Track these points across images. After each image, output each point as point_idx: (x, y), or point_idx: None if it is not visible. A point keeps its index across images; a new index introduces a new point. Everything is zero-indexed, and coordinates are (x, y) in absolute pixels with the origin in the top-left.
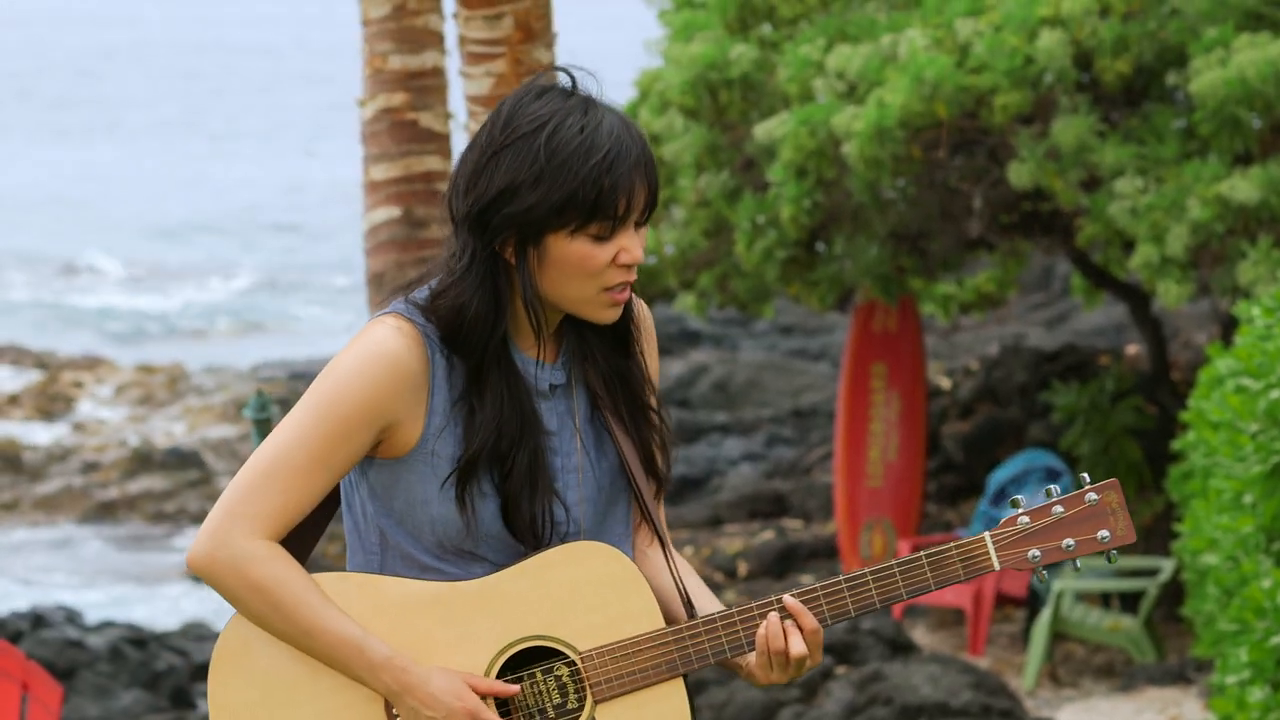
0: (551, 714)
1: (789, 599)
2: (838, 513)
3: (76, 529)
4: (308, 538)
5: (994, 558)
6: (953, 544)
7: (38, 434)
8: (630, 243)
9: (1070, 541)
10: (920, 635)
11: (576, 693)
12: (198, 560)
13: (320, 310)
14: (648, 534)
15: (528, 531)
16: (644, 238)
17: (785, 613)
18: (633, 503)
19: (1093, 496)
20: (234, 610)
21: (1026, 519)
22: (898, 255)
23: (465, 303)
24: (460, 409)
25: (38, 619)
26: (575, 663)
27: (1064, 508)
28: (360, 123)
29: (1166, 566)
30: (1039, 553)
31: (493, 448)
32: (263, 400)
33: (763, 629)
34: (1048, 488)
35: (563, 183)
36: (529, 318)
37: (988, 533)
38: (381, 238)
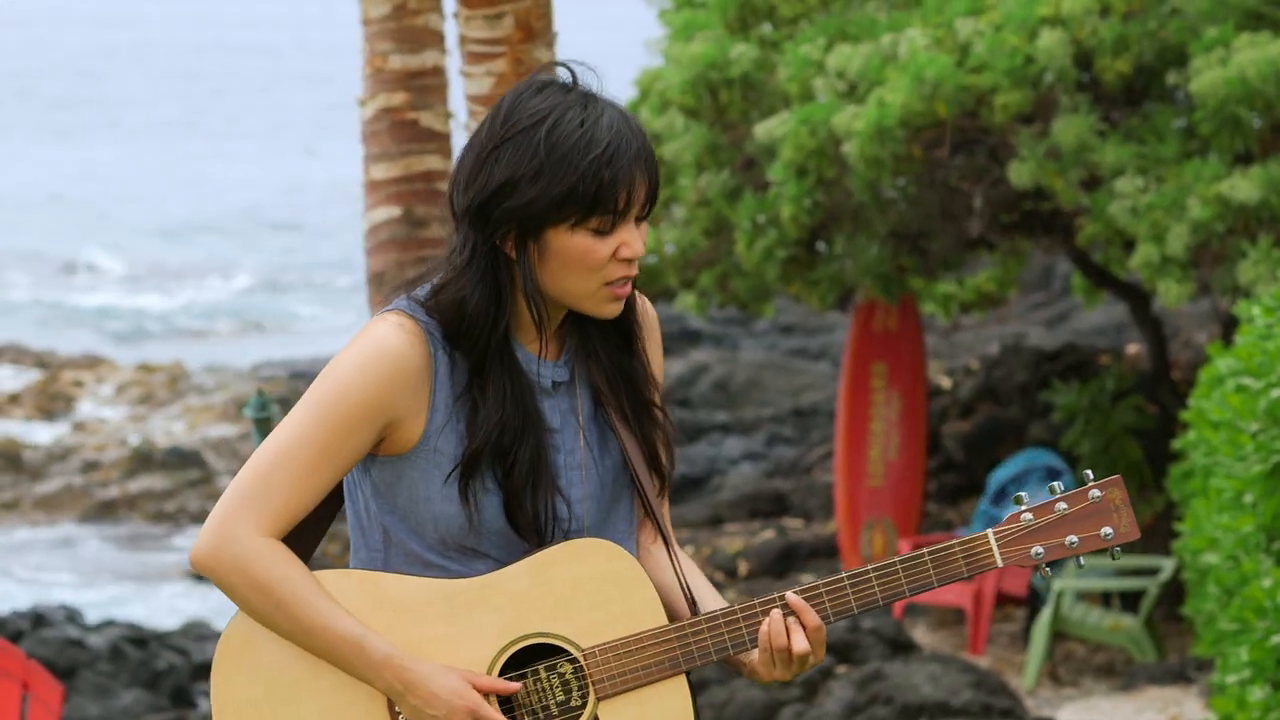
0: (555, 711)
1: (791, 596)
2: (838, 512)
3: (77, 528)
4: (311, 536)
5: (997, 554)
6: (956, 541)
7: (38, 433)
8: (631, 237)
9: (1074, 538)
10: (921, 634)
11: (579, 690)
12: (200, 557)
13: (320, 310)
14: (651, 531)
15: (530, 528)
16: (645, 232)
17: (788, 609)
18: (636, 500)
19: (1096, 493)
20: (237, 608)
21: (1030, 516)
22: (898, 255)
23: (466, 297)
24: (463, 405)
25: (38, 618)
26: (578, 660)
27: (1067, 504)
28: (360, 122)
29: (1167, 566)
30: (1042, 550)
31: (495, 443)
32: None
33: (765, 626)
34: (1051, 484)
35: (562, 177)
36: (530, 312)
37: (991, 529)
38: (382, 237)
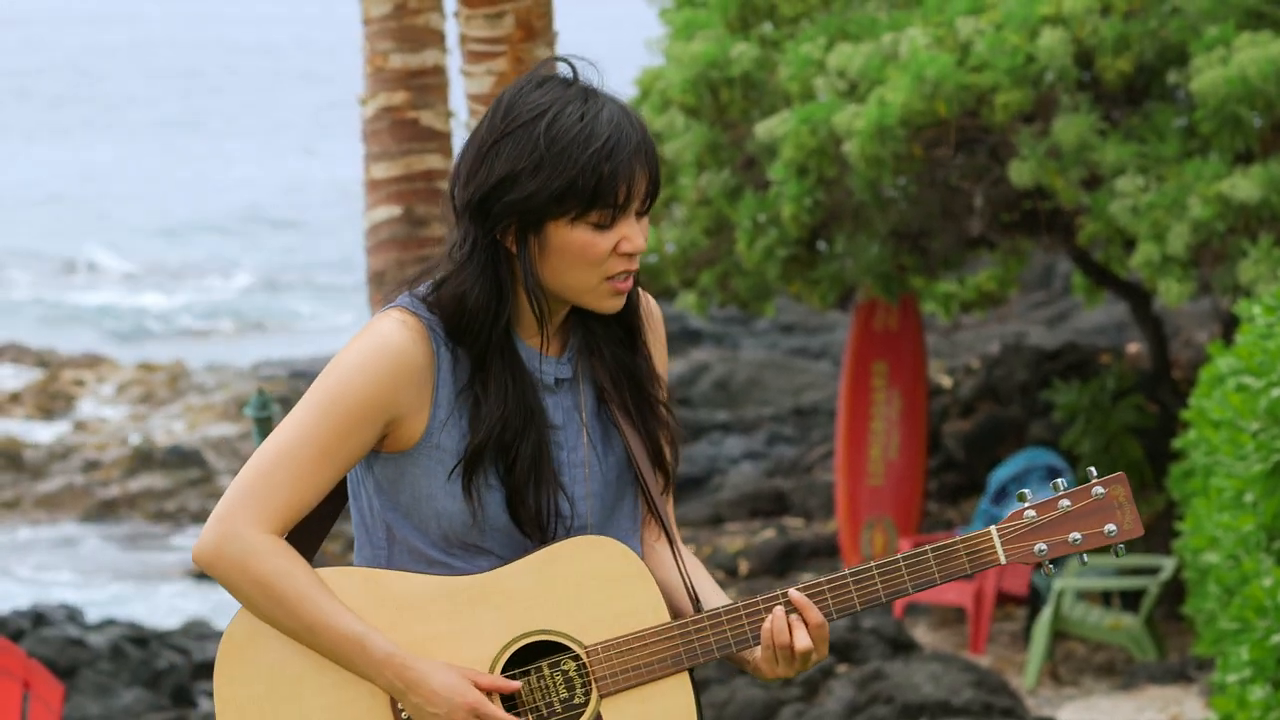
0: (558, 709)
1: (794, 593)
2: (839, 511)
3: (77, 527)
4: (314, 534)
5: (1000, 551)
6: (959, 538)
7: (39, 432)
8: (631, 231)
9: (1077, 535)
10: (921, 634)
11: (582, 687)
12: (203, 554)
13: (321, 309)
14: (656, 529)
15: (533, 524)
16: (646, 227)
17: (790, 607)
18: (640, 497)
19: (1099, 490)
20: (239, 607)
21: (1033, 513)
22: (899, 254)
23: (466, 292)
24: (464, 400)
25: (39, 617)
26: (580, 657)
27: (1070, 501)
28: (361, 121)
29: (1167, 565)
30: (1045, 547)
31: (497, 439)
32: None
33: (768, 623)
34: (1054, 481)
35: (562, 170)
36: (531, 306)
37: (994, 526)
38: (382, 236)
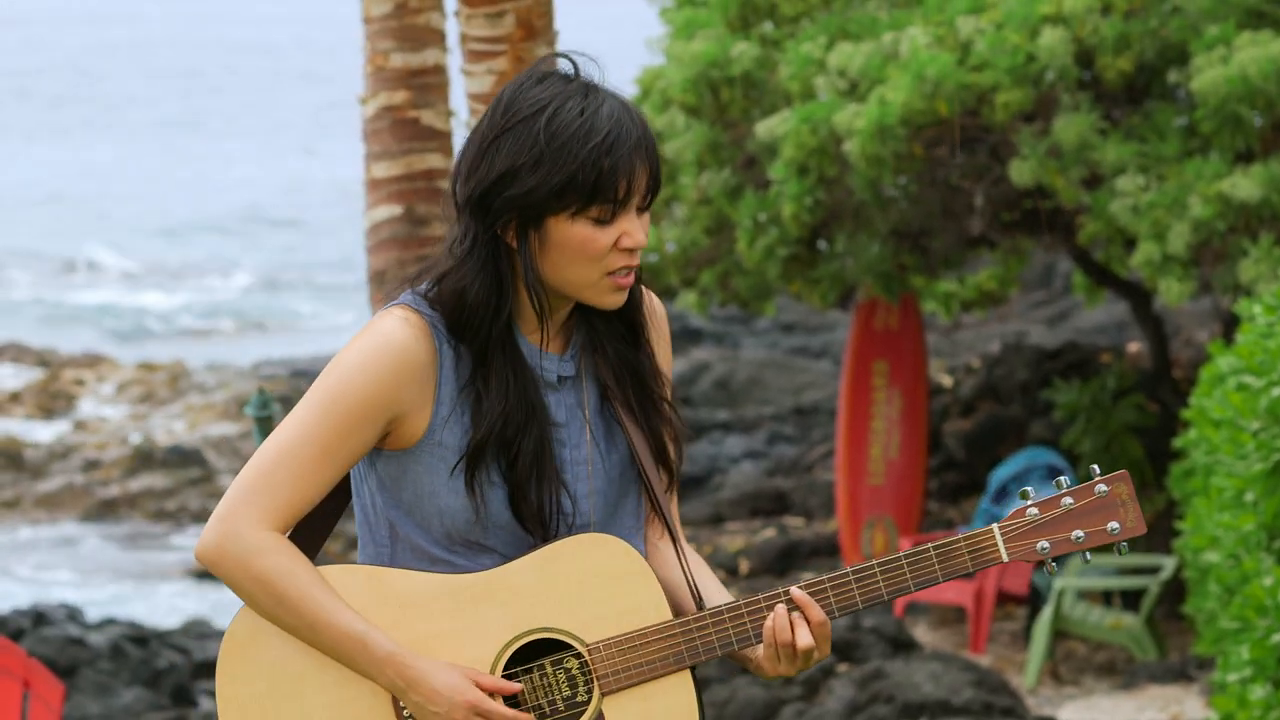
0: (561, 707)
1: (796, 591)
2: (839, 510)
3: (78, 527)
4: (318, 532)
5: (1002, 549)
6: (961, 536)
7: (39, 432)
8: (632, 227)
9: (1080, 533)
10: (921, 633)
11: (585, 685)
12: (205, 552)
13: (321, 308)
14: (659, 527)
15: (535, 520)
16: (647, 223)
17: (793, 605)
18: (643, 496)
19: (1102, 488)
20: (240, 606)
21: (1035, 511)
22: (899, 253)
23: (466, 287)
24: (466, 396)
25: (39, 617)
26: (583, 655)
27: (1073, 499)
28: (361, 120)
29: (1168, 564)
30: (1048, 544)
31: (499, 433)
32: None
33: (770, 621)
34: (1057, 479)
35: (562, 165)
36: (531, 302)
37: (996, 524)
38: (383, 235)
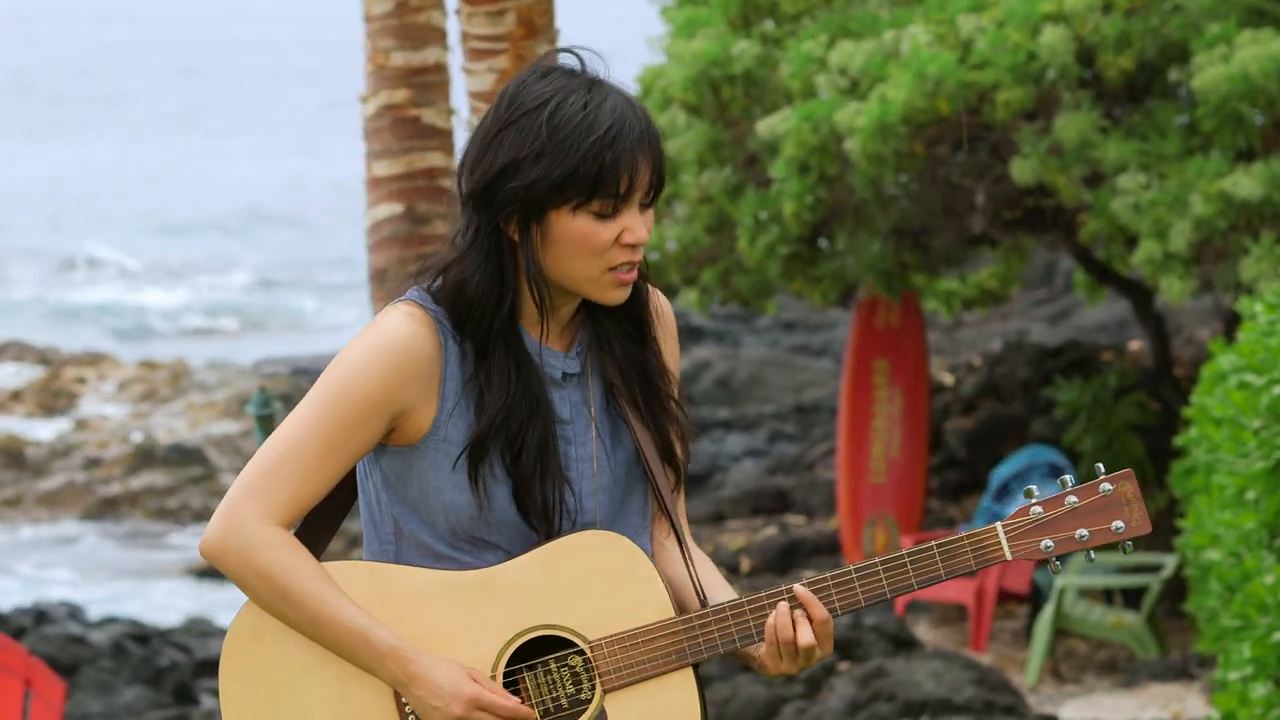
0: (565, 704)
1: (799, 588)
2: (840, 509)
3: (79, 525)
4: (324, 528)
5: (1006, 548)
6: (964, 534)
7: (40, 430)
8: (634, 222)
9: (1084, 532)
10: (923, 631)
11: (589, 683)
12: (209, 547)
13: (322, 307)
14: (666, 526)
15: (540, 516)
16: (650, 220)
17: (795, 602)
18: (650, 494)
19: (1107, 487)
20: (242, 604)
21: (1039, 509)
22: (900, 251)
23: (467, 279)
24: (470, 389)
25: (40, 615)
26: (585, 652)
27: (1078, 498)
28: (362, 119)
29: (1169, 562)
30: (1052, 543)
31: (501, 426)
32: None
33: (771, 619)
34: (1061, 478)
35: (564, 158)
36: (532, 295)
37: (999, 523)
38: (384, 234)
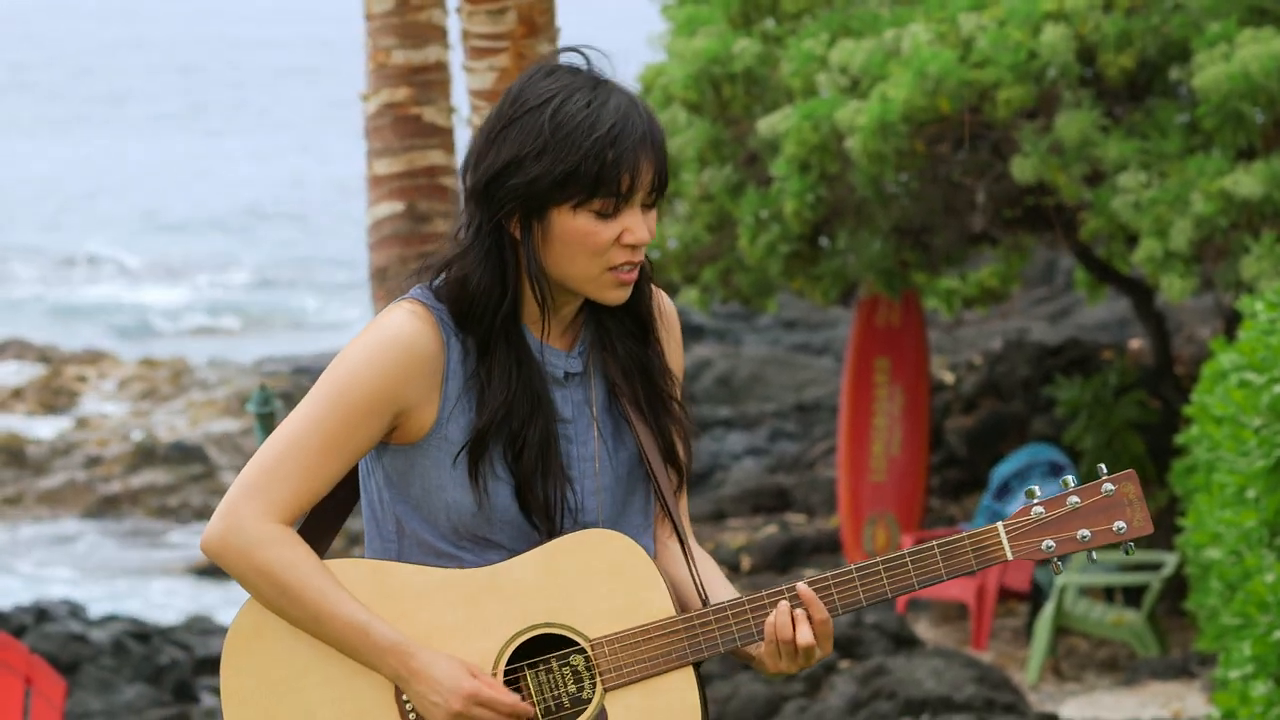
0: (567, 703)
1: (802, 587)
2: (841, 507)
3: (79, 523)
4: (326, 528)
5: (1007, 548)
6: (965, 534)
7: (41, 428)
8: (635, 223)
9: (1086, 532)
10: (923, 629)
11: (591, 681)
12: (210, 545)
13: (323, 305)
14: (669, 526)
15: (542, 514)
16: (653, 221)
17: (796, 601)
18: (652, 494)
19: (1109, 487)
20: (243, 602)
21: (1041, 509)
22: (901, 250)
23: (469, 274)
24: (471, 387)
25: (41, 613)
26: (585, 650)
27: (1079, 498)
28: (363, 117)
29: (1170, 561)
30: (1053, 543)
31: (503, 422)
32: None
33: (771, 618)
34: (1064, 478)
35: (566, 155)
36: (534, 293)
37: (1001, 523)
38: (385, 232)
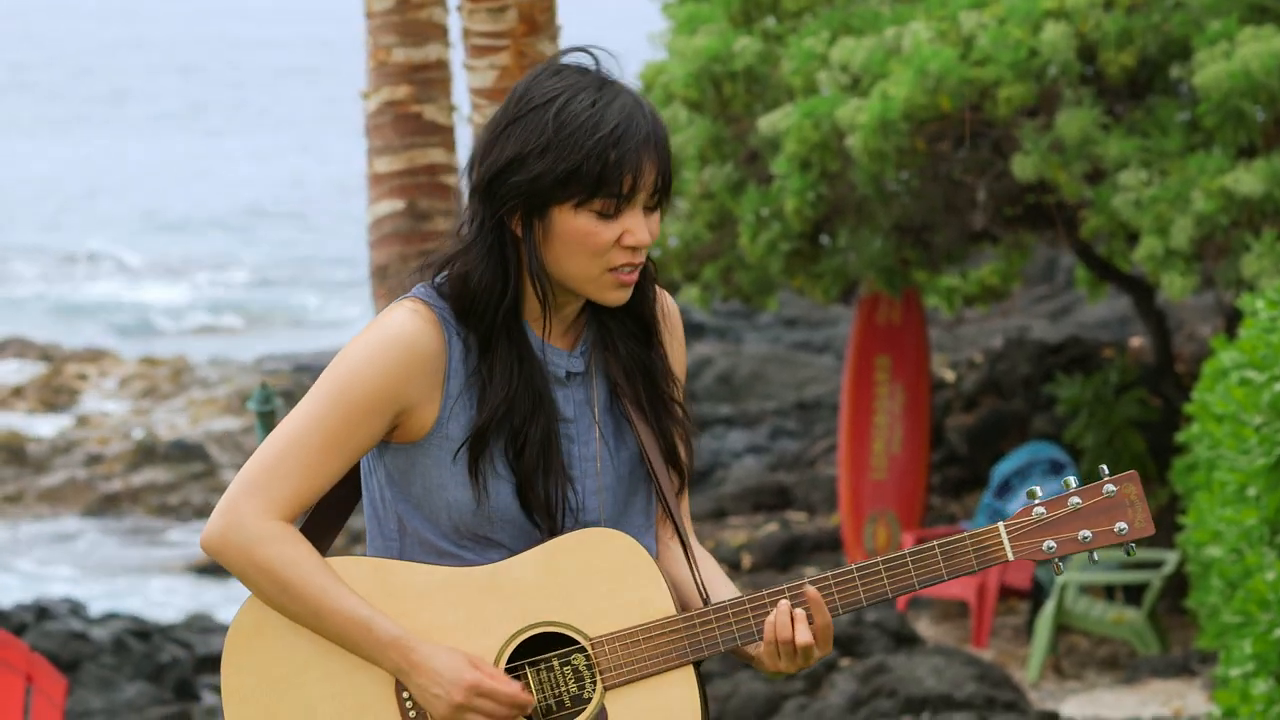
0: (568, 703)
1: (810, 589)
2: (842, 505)
3: (80, 521)
4: (328, 527)
5: (1008, 548)
6: (967, 534)
7: (42, 426)
8: (636, 224)
9: (1087, 533)
10: (924, 627)
11: (590, 680)
12: (209, 542)
13: (324, 303)
14: (671, 528)
15: (543, 512)
16: (655, 224)
17: (797, 601)
18: (654, 495)
19: (1111, 488)
20: (244, 600)
21: (1042, 510)
22: (902, 248)
23: (470, 270)
24: (472, 383)
25: (42, 611)
26: (586, 649)
27: (1081, 499)
28: (364, 115)
29: (1170, 559)
30: (1054, 544)
31: (504, 419)
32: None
33: (771, 618)
34: (1065, 479)
35: (568, 154)
36: (535, 291)
37: (1002, 523)
38: (385, 230)
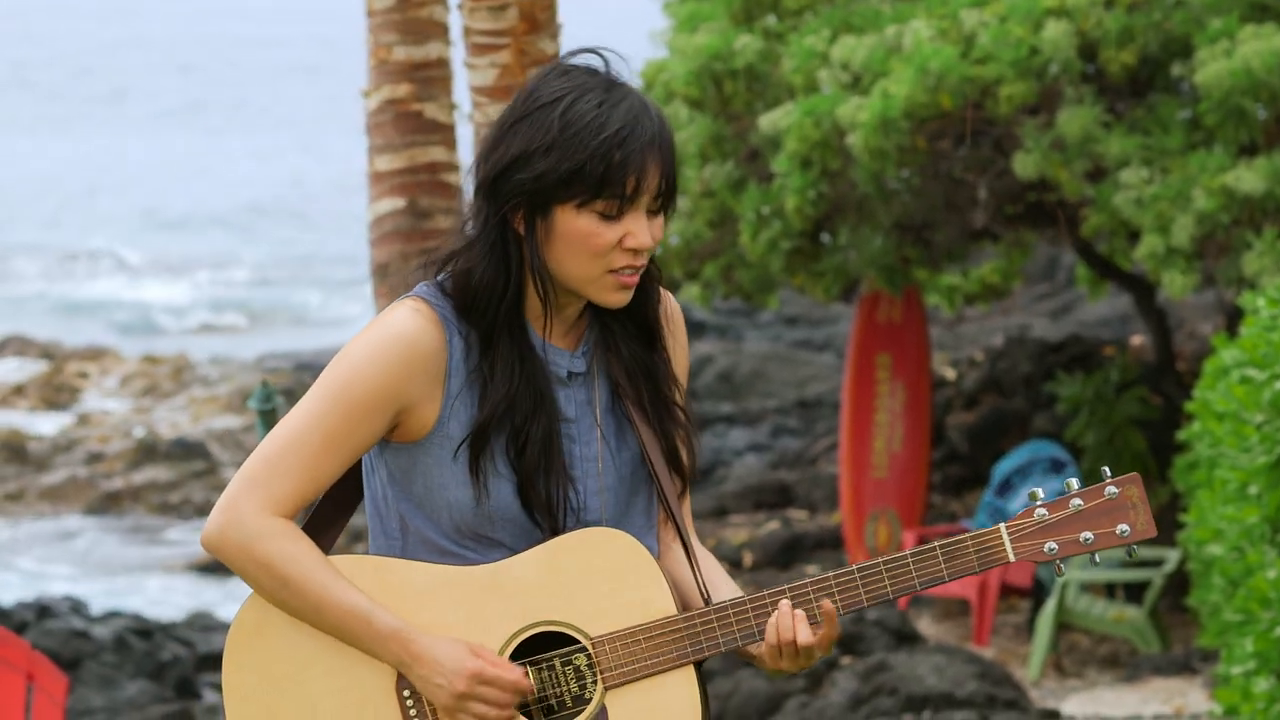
0: (569, 703)
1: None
2: (843, 503)
3: (81, 519)
4: (330, 525)
5: (1010, 549)
6: (968, 534)
7: (43, 424)
8: (638, 227)
9: (1089, 535)
10: (925, 625)
11: (591, 679)
12: (210, 538)
13: (325, 302)
14: (674, 529)
15: (544, 512)
16: (659, 227)
17: (797, 601)
18: (656, 495)
19: (1112, 490)
20: (244, 598)
21: (1044, 511)
22: (902, 246)
23: (472, 267)
24: (473, 381)
25: (43, 609)
26: (587, 649)
27: (1083, 500)
28: (365, 114)
29: (1171, 557)
30: (1056, 545)
31: (505, 417)
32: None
33: (772, 619)
34: (1067, 480)
35: (572, 153)
36: (536, 290)
37: (1003, 524)
38: (386, 229)
